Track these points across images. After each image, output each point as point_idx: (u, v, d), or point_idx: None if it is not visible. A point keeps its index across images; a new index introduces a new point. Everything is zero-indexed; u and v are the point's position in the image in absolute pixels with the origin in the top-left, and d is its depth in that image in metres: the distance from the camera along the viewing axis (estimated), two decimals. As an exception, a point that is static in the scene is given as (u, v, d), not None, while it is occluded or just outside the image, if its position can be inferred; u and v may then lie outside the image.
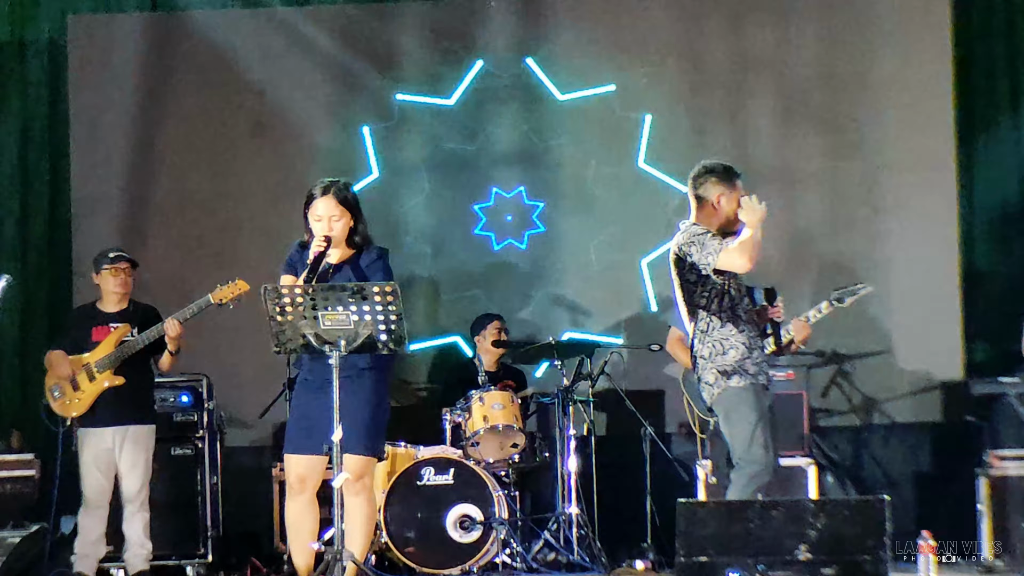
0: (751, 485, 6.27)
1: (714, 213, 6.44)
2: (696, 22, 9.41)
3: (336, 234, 6.22)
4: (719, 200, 6.43)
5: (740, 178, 6.50)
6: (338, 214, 6.23)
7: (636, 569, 7.98)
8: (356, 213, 6.30)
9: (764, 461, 6.31)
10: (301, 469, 6.25)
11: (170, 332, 7.47)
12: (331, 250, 6.22)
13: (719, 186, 6.44)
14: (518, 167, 9.45)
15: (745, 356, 6.39)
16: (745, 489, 6.27)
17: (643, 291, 9.26)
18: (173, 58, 9.52)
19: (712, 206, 6.44)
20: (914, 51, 9.20)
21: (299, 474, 6.26)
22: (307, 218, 6.26)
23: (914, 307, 9.01)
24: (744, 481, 6.30)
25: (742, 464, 6.33)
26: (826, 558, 5.44)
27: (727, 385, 6.37)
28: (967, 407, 8.82)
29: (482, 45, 9.48)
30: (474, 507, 7.82)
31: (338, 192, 6.23)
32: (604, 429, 8.97)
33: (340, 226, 6.24)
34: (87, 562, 7.62)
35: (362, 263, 6.28)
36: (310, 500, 6.30)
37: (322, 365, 6.10)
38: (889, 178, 9.18)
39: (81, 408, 7.57)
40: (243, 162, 9.48)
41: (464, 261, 9.43)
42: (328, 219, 6.21)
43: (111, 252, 7.82)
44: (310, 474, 6.25)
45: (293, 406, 6.45)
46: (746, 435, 6.32)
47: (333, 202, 6.22)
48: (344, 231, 6.27)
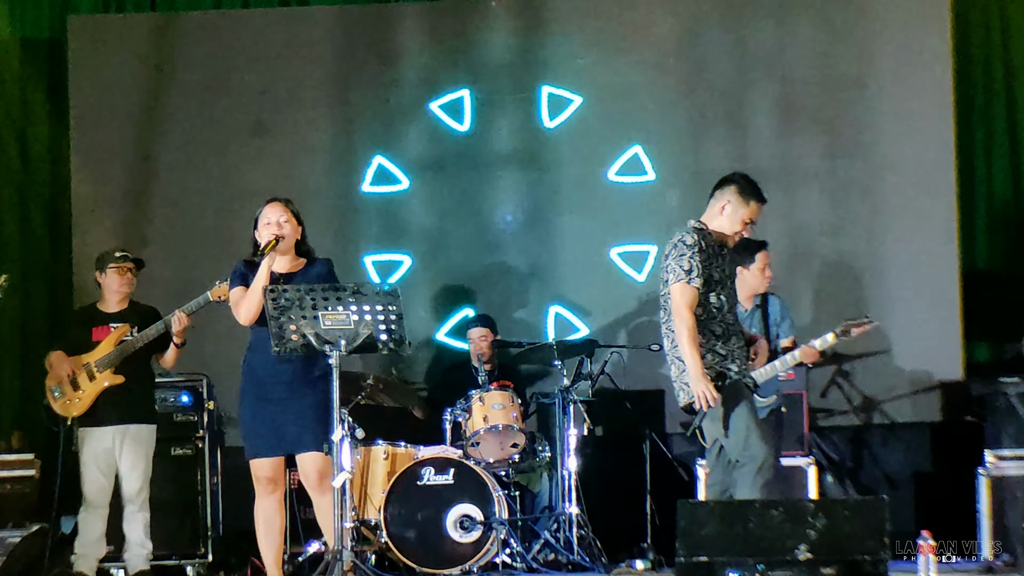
0: (758, 479, 6.23)
1: (717, 217, 6.44)
2: (696, 22, 9.41)
3: (287, 234, 6.46)
4: (723, 208, 6.42)
5: (760, 202, 6.43)
6: (287, 217, 6.49)
7: (636, 569, 7.97)
8: (302, 224, 6.59)
9: (764, 453, 6.27)
10: (271, 472, 6.47)
11: (177, 326, 7.48)
12: (281, 258, 6.45)
13: (733, 196, 6.42)
14: (518, 168, 9.46)
15: (721, 359, 6.33)
16: (753, 485, 6.23)
17: (643, 291, 9.26)
18: (173, 58, 9.52)
19: (719, 210, 6.43)
20: (914, 51, 9.20)
21: (270, 477, 6.50)
22: (255, 239, 6.53)
23: (914, 307, 9.00)
24: (750, 479, 6.26)
25: (743, 460, 6.31)
26: (826, 558, 5.44)
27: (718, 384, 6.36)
28: (967, 407, 8.82)
29: (482, 45, 9.48)
30: (474, 507, 7.82)
31: (286, 201, 6.58)
32: (604, 429, 8.97)
33: (289, 228, 6.49)
34: (87, 562, 7.63)
35: (314, 272, 6.50)
36: (280, 500, 6.57)
37: (287, 367, 6.19)
38: (889, 178, 9.18)
39: (82, 408, 7.57)
40: (243, 162, 9.48)
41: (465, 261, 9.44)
42: (278, 222, 6.47)
43: (117, 252, 7.84)
44: (279, 475, 6.50)
45: (247, 409, 6.58)
46: (740, 431, 6.30)
47: (281, 207, 6.54)
48: (294, 234, 6.52)
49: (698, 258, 6.28)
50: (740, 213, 6.39)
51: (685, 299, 6.27)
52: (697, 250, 6.29)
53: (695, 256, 6.28)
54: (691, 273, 6.27)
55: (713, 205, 6.46)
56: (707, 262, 6.32)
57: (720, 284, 6.36)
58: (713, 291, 6.34)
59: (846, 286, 9.02)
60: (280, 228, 6.45)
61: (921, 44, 9.20)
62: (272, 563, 6.60)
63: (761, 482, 6.24)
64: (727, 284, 6.42)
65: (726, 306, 6.38)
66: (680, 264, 6.29)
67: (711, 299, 6.34)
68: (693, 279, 6.26)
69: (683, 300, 6.27)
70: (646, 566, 7.96)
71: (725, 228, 6.42)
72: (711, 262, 6.34)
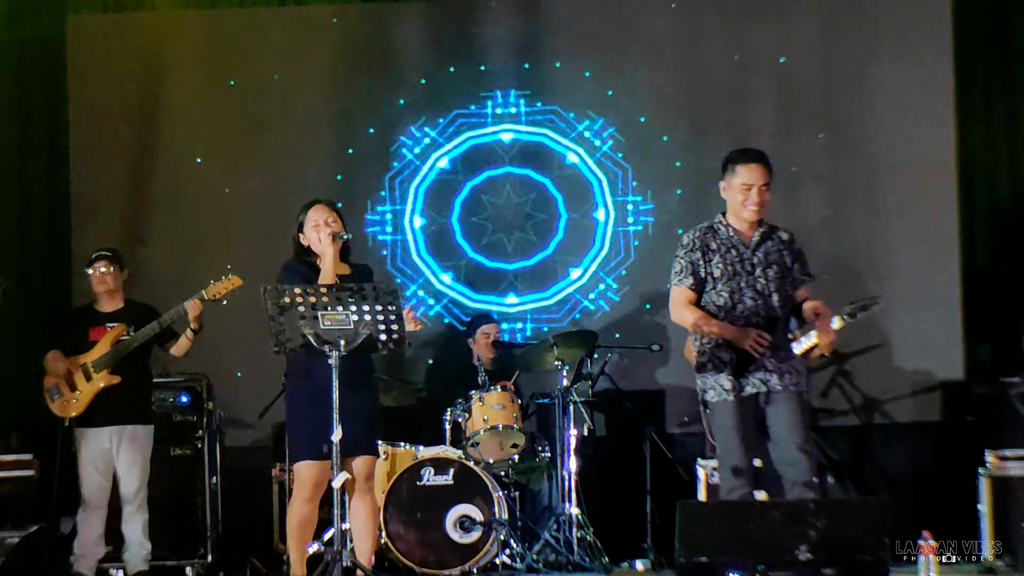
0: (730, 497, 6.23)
1: (729, 204, 6.39)
2: (696, 22, 9.40)
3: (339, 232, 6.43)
4: (724, 191, 6.41)
5: (746, 162, 6.33)
6: (333, 218, 6.48)
7: (636, 569, 7.97)
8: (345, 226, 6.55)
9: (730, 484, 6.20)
10: (318, 475, 6.34)
11: (194, 311, 7.44)
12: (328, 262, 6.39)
13: (724, 174, 6.41)
14: (517, 169, 9.47)
15: (721, 367, 6.28)
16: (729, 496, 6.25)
17: (643, 290, 9.26)
18: (173, 58, 9.52)
19: (724, 196, 6.40)
20: (914, 51, 9.20)
21: (317, 480, 6.37)
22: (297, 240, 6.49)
23: (914, 307, 9.00)
24: (724, 494, 6.29)
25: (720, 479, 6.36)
26: (826, 558, 5.43)
27: (705, 399, 6.35)
28: (967, 407, 8.82)
29: (482, 45, 9.47)
30: (474, 507, 7.82)
31: (331, 203, 6.58)
32: (604, 429, 8.97)
33: (339, 228, 6.47)
34: (86, 562, 7.62)
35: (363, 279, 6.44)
36: (317, 504, 6.45)
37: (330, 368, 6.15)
38: (889, 178, 9.18)
39: (79, 408, 7.56)
40: (243, 162, 9.48)
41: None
42: (327, 221, 6.44)
43: (94, 252, 7.82)
44: (324, 479, 6.35)
45: (301, 411, 6.49)
46: (720, 456, 6.30)
47: (327, 208, 6.52)
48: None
49: (690, 257, 6.29)
50: (734, 184, 6.35)
51: (675, 299, 6.35)
52: (690, 249, 6.31)
53: (685, 256, 6.32)
54: (681, 274, 6.33)
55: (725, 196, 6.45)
56: (707, 259, 6.30)
57: (724, 280, 6.30)
58: (714, 288, 6.31)
59: (846, 286, 9.00)
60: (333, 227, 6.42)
61: (921, 44, 9.20)
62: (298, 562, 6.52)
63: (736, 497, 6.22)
64: (742, 277, 6.31)
65: (731, 302, 6.30)
66: (673, 266, 6.37)
67: (711, 297, 6.32)
68: (682, 279, 6.31)
69: (673, 301, 6.35)
70: (646, 566, 7.96)
71: (735, 209, 6.36)
72: (713, 258, 6.31)
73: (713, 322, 6.25)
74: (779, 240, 6.40)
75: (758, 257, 6.34)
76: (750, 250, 6.34)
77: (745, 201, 6.31)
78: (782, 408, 6.23)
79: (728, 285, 6.31)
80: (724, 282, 6.30)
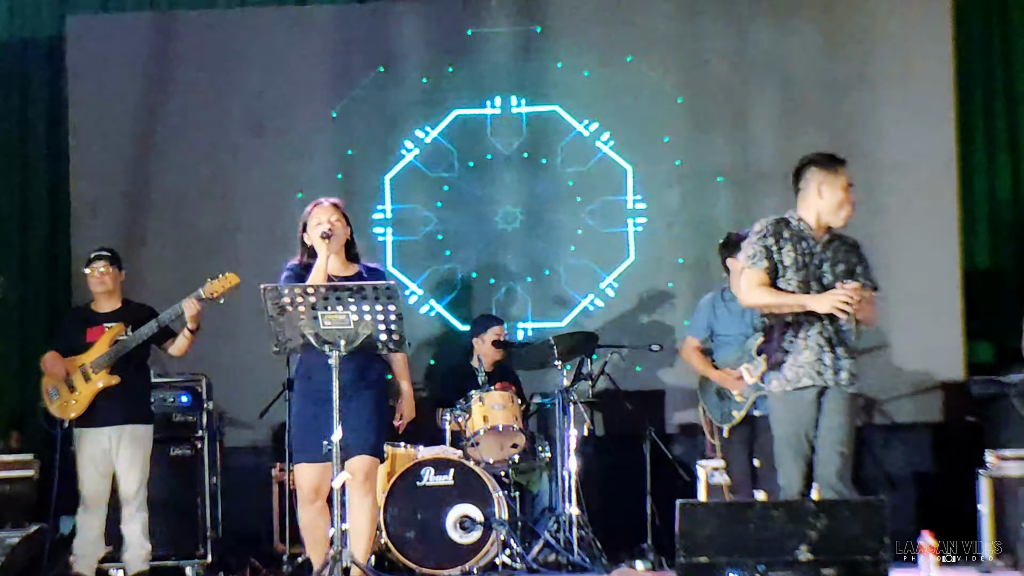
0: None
1: (816, 203, 6.34)
2: (696, 22, 9.40)
3: (337, 232, 6.39)
4: (820, 190, 6.36)
5: (844, 165, 6.37)
6: (337, 217, 6.44)
7: (636, 570, 7.97)
8: (351, 226, 6.52)
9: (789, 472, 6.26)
10: (316, 478, 6.35)
11: (191, 310, 7.43)
12: (333, 261, 6.37)
13: (819, 174, 6.36)
14: (518, 170, 9.47)
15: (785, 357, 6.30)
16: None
17: (643, 290, 9.26)
18: (173, 58, 9.52)
19: (815, 195, 6.33)
20: (914, 51, 9.20)
21: (314, 484, 6.37)
22: (302, 240, 6.46)
23: (914, 307, 8.99)
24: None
25: None
26: (826, 558, 5.43)
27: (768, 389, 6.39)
28: (967, 407, 8.82)
29: (482, 45, 9.47)
30: (474, 507, 7.81)
31: (335, 203, 6.51)
32: (604, 429, 8.97)
33: (340, 227, 6.43)
34: (86, 562, 7.61)
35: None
36: (323, 505, 6.42)
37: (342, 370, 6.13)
38: (889, 178, 9.18)
39: (78, 409, 7.55)
40: (243, 162, 9.48)
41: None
42: (328, 220, 6.40)
43: (92, 252, 7.81)
44: (324, 482, 6.32)
45: (299, 414, 6.50)
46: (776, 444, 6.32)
47: (331, 208, 6.47)
48: (344, 234, 6.46)
49: (763, 242, 6.27)
50: (836, 184, 6.31)
51: (750, 281, 6.28)
52: (764, 235, 6.29)
53: (759, 241, 6.29)
54: (754, 258, 6.28)
55: (803, 197, 6.36)
56: (780, 246, 6.28)
57: (794, 269, 6.25)
58: (783, 277, 6.28)
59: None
60: (331, 225, 6.38)
61: (921, 44, 9.20)
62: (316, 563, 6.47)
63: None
64: (810, 270, 6.26)
65: (800, 291, 6.24)
66: (745, 251, 6.33)
67: (781, 285, 6.29)
68: (756, 262, 6.27)
69: (748, 283, 6.28)
70: (646, 567, 7.96)
71: (830, 208, 6.31)
72: (784, 246, 6.28)
73: (782, 296, 6.22)
74: (847, 243, 6.42)
75: (827, 254, 6.32)
76: (820, 245, 6.33)
77: (845, 201, 6.31)
78: (830, 406, 6.24)
79: (798, 275, 6.27)
80: (794, 271, 6.28)
